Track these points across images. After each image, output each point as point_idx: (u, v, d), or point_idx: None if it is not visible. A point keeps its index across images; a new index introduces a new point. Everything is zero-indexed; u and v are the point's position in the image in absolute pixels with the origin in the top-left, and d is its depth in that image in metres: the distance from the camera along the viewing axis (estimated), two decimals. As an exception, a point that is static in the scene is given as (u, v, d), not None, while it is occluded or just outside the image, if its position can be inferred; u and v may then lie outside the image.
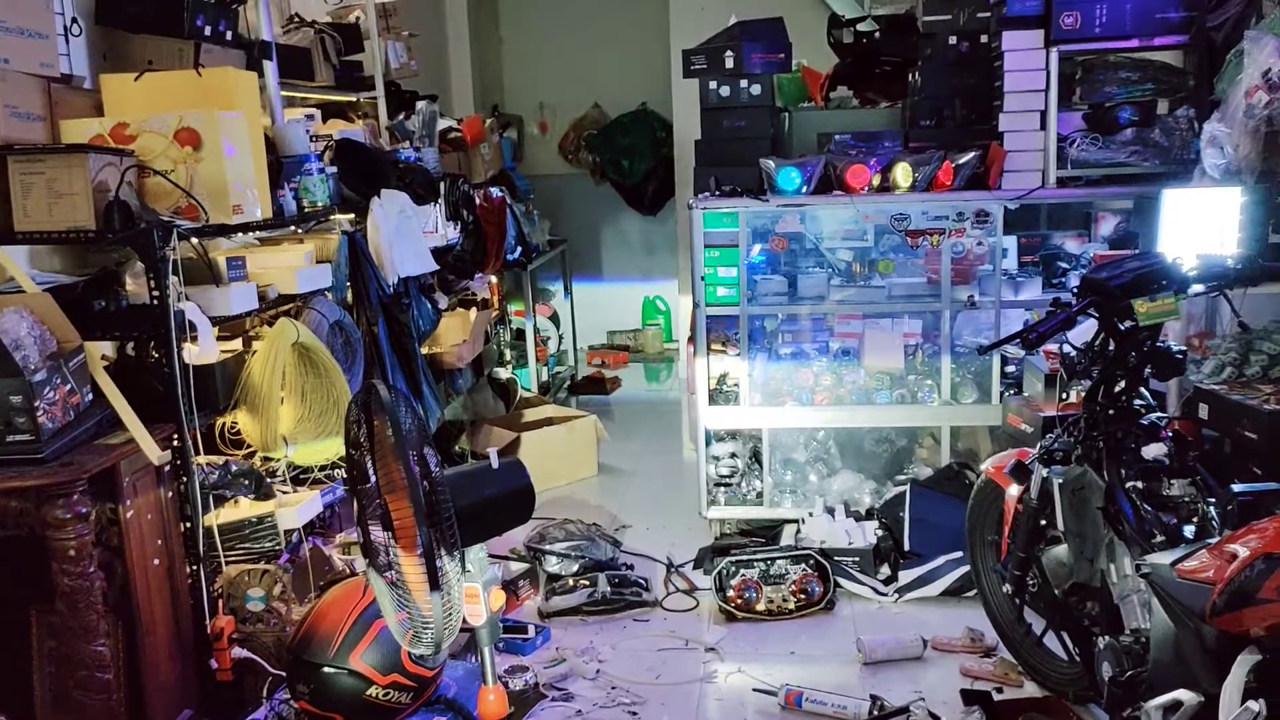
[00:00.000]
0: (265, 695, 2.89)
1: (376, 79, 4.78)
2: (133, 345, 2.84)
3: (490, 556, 2.48)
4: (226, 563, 2.94)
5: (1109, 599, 2.53)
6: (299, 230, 3.77)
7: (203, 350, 2.81)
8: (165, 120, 2.89)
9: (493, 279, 5.61)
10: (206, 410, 2.92)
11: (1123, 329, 2.53)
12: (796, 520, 4.03)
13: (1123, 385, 2.57)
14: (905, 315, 4.13)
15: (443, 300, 4.70)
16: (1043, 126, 3.84)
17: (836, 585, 3.61)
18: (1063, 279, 4.04)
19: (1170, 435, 2.53)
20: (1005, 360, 4.00)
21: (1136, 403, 2.57)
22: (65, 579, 2.47)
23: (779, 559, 3.62)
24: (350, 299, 3.74)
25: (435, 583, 2.20)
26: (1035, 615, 2.97)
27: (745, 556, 3.63)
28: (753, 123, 4.14)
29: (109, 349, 2.91)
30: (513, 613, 3.60)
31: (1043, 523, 2.79)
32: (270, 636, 2.92)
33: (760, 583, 3.56)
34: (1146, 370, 2.57)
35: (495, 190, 5.32)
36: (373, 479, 2.32)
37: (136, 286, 2.83)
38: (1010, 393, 3.93)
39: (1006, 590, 2.95)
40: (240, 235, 3.35)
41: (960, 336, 4.11)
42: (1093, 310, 2.55)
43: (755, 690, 3.09)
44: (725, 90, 4.13)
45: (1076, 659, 2.78)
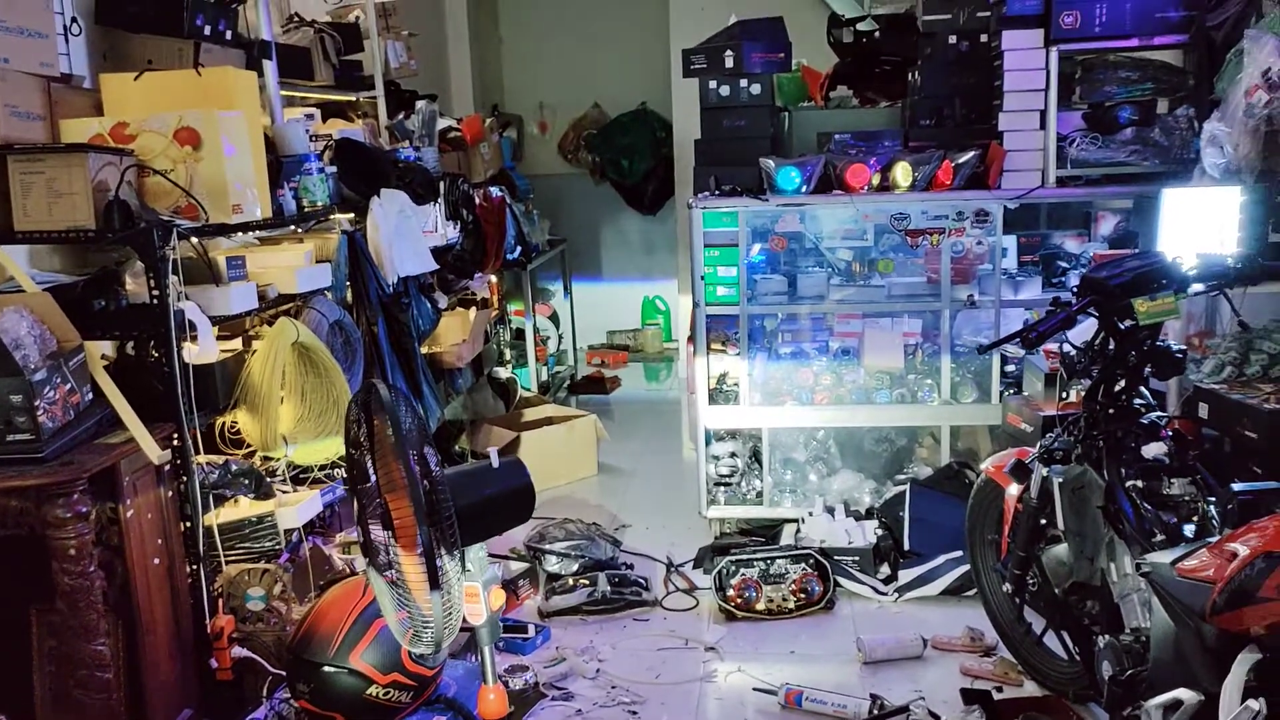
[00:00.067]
0: (265, 694, 2.89)
1: (376, 78, 4.78)
2: (133, 345, 2.84)
3: (490, 556, 2.48)
4: (226, 562, 2.94)
5: (1109, 598, 2.53)
6: (299, 230, 3.77)
7: (202, 350, 2.81)
8: (165, 120, 2.89)
9: (492, 278, 5.62)
10: (206, 410, 2.92)
11: (1123, 328, 2.53)
12: (796, 520, 4.03)
13: (1123, 384, 2.57)
14: (905, 315, 4.13)
15: (442, 300, 4.70)
16: (1042, 126, 3.84)
17: (836, 585, 3.62)
18: (1062, 278, 4.04)
19: (1170, 434, 2.52)
20: (1005, 359, 4.00)
21: (1136, 402, 2.57)
22: (65, 578, 2.47)
23: (779, 558, 3.62)
24: (350, 298, 3.74)
25: (435, 582, 2.20)
26: (1035, 614, 2.97)
27: (745, 556, 3.64)
28: (752, 122, 4.14)
29: (109, 348, 2.90)
30: (513, 612, 3.60)
31: (1043, 522, 2.79)
32: (270, 636, 2.92)
33: (760, 582, 3.57)
34: (1146, 369, 2.57)
35: (495, 190, 5.33)
36: (373, 478, 2.32)
37: (136, 286, 2.83)
38: (1010, 392, 3.93)
39: (1006, 589, 2.95)
40: (240, 235, 3.35)
41: (960, 336, 4.11)
42: (1093, 309, 2.55)
43: (755, 689, 3.09)
44: (725, 90, 4.13)
45: (1076, 658, 2.78)
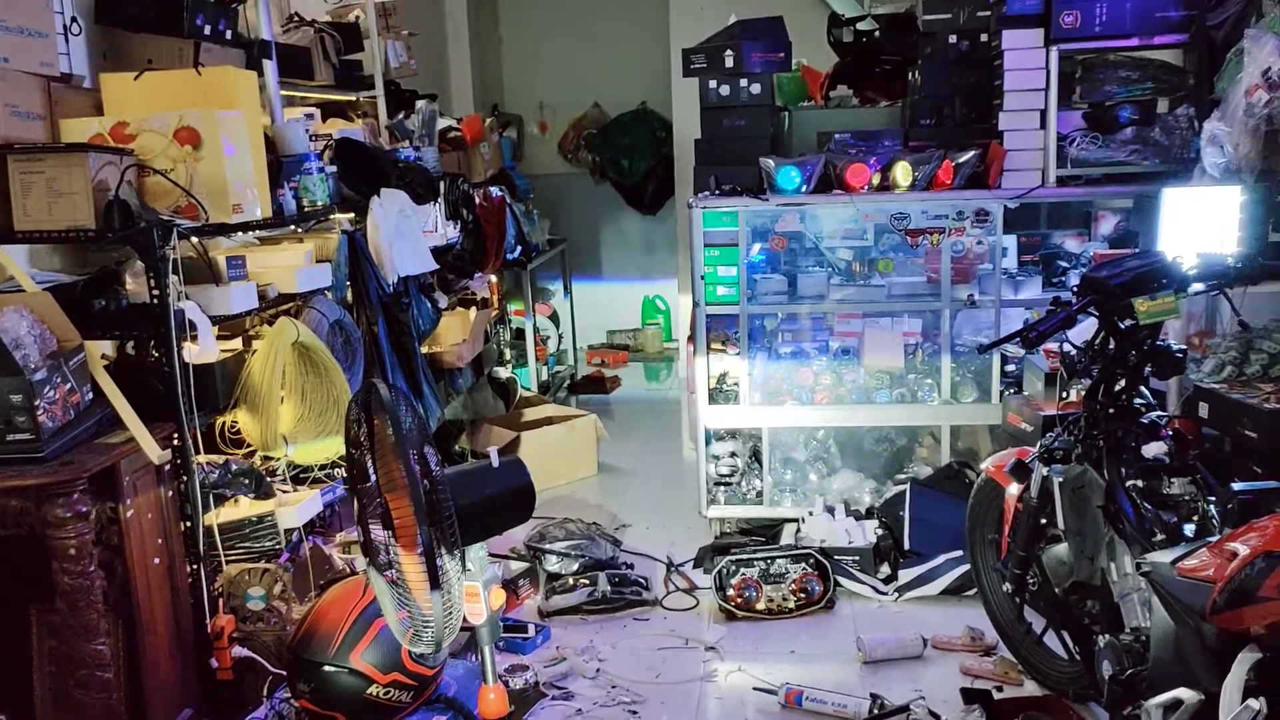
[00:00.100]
0: (266, 694, 2.89)
1: (376, 78, 4.78)
2: (133, 344, 2.84)
3: (490, 555, 2.48)
4: (227, 562, 2.94)
5: (1109, 597, 2.53)
6: (299, 229, 3.77)
7: (203, 349, 2.81)
8: (165, 119, 2.89)
9: (492, 278, 5.61)
10: (206, 409, 2.92)
11: (1123, 328, 2.53)
12: (796, 519, 4.03)
13: (1123, 384, 2.57)
14: (905, 314, 4.13)
15: (442, 299, 4.70)
16: (1043, 125, 3.84)
17: (836, 584, 3.61)
18: (1062, 278, 4.03)
19: (1170, 434, 2.52)
20: (1005, 359, 4.00)
21: (1137, 401, 2.57)
22: (65, 578, 2.47)
23: (779, 558, 3.62)
24: (350, 298, 3.74)
25: (435, 581, 2.20)
26: (1035, 614, 2.97)
27: (745, 555, 3.63)
28: (752, 122, 4.14)
29: (109, 348, 2.90)
30: (513, 612, 3.60)
31: (1043, 521, 2.79)
32: (270, 635, 2.92)
33: (760, 582, 3.56)
34: (1147, 369, 2.56)
35: (495, 189, 5.33)
36: (373, 478, 2.32)
37: (136, 285, 2.83)
38: (1010, 392, 3.93)
39: (1006, 589, 2.95)
40: (240, 234, 3.35)
41: (960, 335, 4.11)
42: (1093, 309, 2.55)
43: (755, 689, 3.09)
44: (725, 89, 4.13)
45: (1077, 657, 2.78)
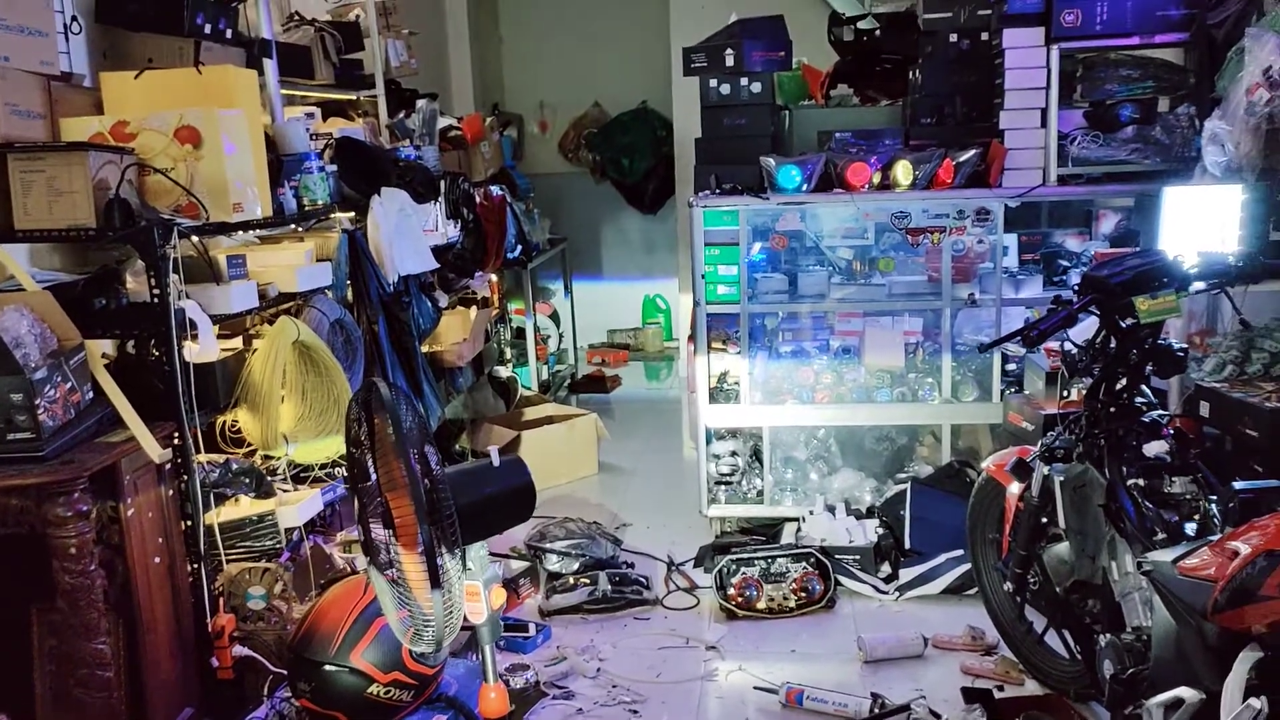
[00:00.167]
0: (266, 693, 2.89)
1: (376, 77, 4.78)
2: (133, 343, 2.84)
3: (491, 555, 2.48)
4: (227, 561, 2.94)
5: (1110, 597, 2.53)
6: (299, 228, 3.77)
7: (203, 348, 2.81)
8: (165, 118, 2.89)
9: (493, 277, 5.61)
10: (207, 408, 2.92)
11: (1124, 326, 2.52)
12: (797, 518, 4.03)
13: (1124, 383, 2.57)
14: (906, 313, 4.13)
15: (443, 298, 4.70)
16: (1043, 124, 3.83)
17: (837, 583, 3.61)
18: (1063, 277, 4.03)
19: (1172, 433, 2.52)
20: (1006, 358, 4.00)
21: (1138, 400, 2.57)
22: (66, 577, 2.47)
23: (780, 557, 3.62)
24: (350, 297, 3.74)
25: (436, 580, 2.20)
26: (1036, 613, 2.97)
27: (746, 555, 3.63)
28: (753, 121, 4.13)
29: (109, 347, 2.91)
30: (513, 611, 3.60)
31: (1044, 520, 2.79)
32: (271, 635, 2.92)
33: (761, 581, 3.56)
34: (1148, 368, 2.56)
35: (495, 189, 5.32)
36: (373, 477, 2.32)
37: (137, 284, 2.83)
38: (1011, 391, 3.93)
39: (1007, 588, 2.95)
40: (240, 233, 3.35)
41: (961, 334, 4.10)
42: (1094, 308, 2.55)
43: (756, 688, 3.09)
44: (726, 88, 4.13)
45: (1078, 657, 2.78)
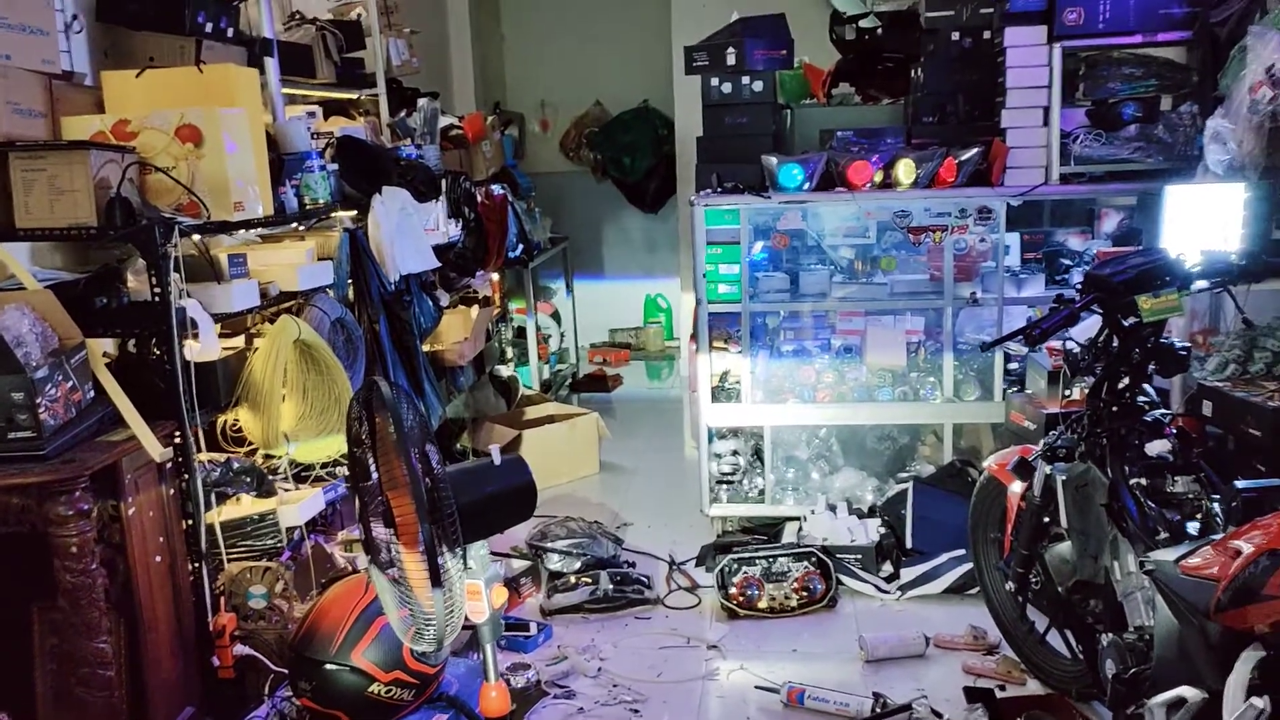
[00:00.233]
0: (267, 693, 2.89)
1: (378, 76, 4.78)
2: (134, 342, 2.84)
3: (492, 554, 2.48)
4: (228, 560, 2.94)
5: (1112, 596, 2.52)
6: (300, 227, 3.77)
7: (204, 347, 2.81)
8: (166, 117, 2.88)
9: (494, 276, 5.61)
10: (208, 407, 2.92)
11: (1126, 325, 2.52)
12: (798, 518, 4.03)
13: (1126, 382, 2.56)
14: (907, 312, 4.12)
15: (444, 297, 4.70)
16: (1046, 123, 3.83)
17: (839, 583, 3.61)
18: (1065, 276, 4.02)
19: (1174, 432, 2.52)
20: (1008, 357, 3.99)
21: (1140, 399, 2.56)
22: (67, 576, 2.47)
23: (781, 556, 3.61)
24: (352, 296, 3.74)
25: (437, 579, 2.19)
26: (1038, 613, 2.96)
27: (747, 554, 3.63)
28: (754, 119, 4.13)
29: (110, 346, 2.90)
30: (515, 610, 3.60)
31: (1046, 520, 2.79)
32: (272, 634, 2.92)
33: (762, 580, 3.56)
34: (1150, 367, 2.56)
35: (496, 188, 5.32)
36: (374, 476, 2.31)
37: (138, 283, 2.83)
38: (1013, 390, 3.92)
39: (1009, 588, 2.95)
40: (242, 232, 3.35)
41: (963, 334, 4.10)
42: (1096, 306, 2.54)
43: (757, 688, 3.09)
44: (727, 87, 4.12)
45: (1080, 656, 2.77)
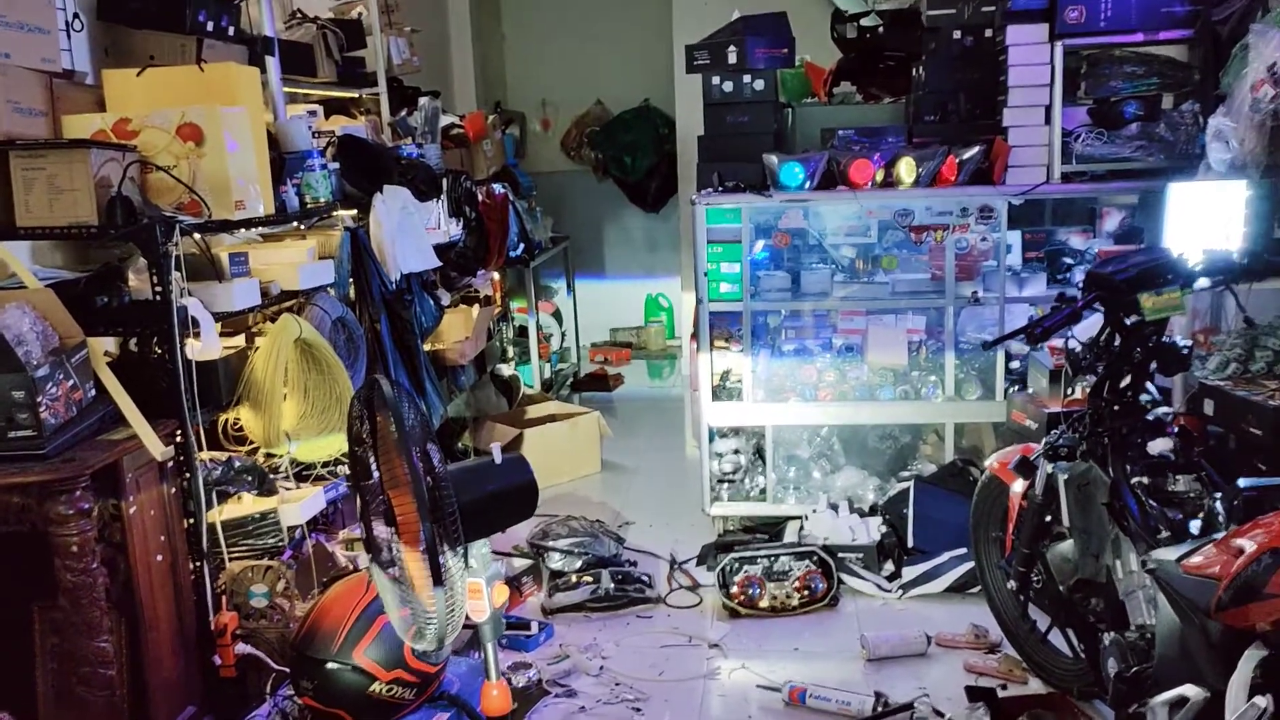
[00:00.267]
0: (269, 691, 2.89)
1: (379, 75, 4.78)
2: (135, 341, 2.83)
3: (493, 553, 2.47)
4: (229, 559, 2.94)
5: (1114, 595, 2.52)
6: (301, 226, 3.77)
7: (205, 346, 2.81)
8: (167, 116, 2.88)
9: (495, 275, 5.61)
10: (209, 406, 2.92)
11: (1128, 324, 2.52)
12: (800, 517, 4.02)
13: (1128, 380, 2.56)
14: (909, 311, 4.12)
15: (445, 297, 4.70)
16: (1047, 121, 3.82)
17: (840, 582, 3.61)
18: (1067, 275, 4.02)
19: (1176, 431, 2.52)
20: (1009, 356, 3.99)
21: (1142, 398, 2.56)
22: (68, 575, 2.47)
23: (782, 555, 3.61)
24: (353, 295, 3.74)
25: (438, 578, 2.19)
26: (1040, 611, 2.96)
27: (749, 553, 3.63)
28: (756, 118, 4.12)
29: (112, 345, 2.90)
30: (516, 609, 3.60)
31: (1047, 519, 2.79)
32: (273, 633, 2.92)
33: (764, 579, 3.56)
34: (1152, 365, 2.56)
35: (497, 187, 5.32)
36: (376, 475, 2.31)
37: (139, 282, 2.83)
38: (1015, 389, 3.92)
39: (1011, 586, 2.95)
40: (243, 231, 3.35)
41: (964, 332, 4.09)
42: (1098, 305, 2.54)
43: (759, 687, 3.09)
44: (728, 86, 4.12)
45: (1081, 655, 2.77)
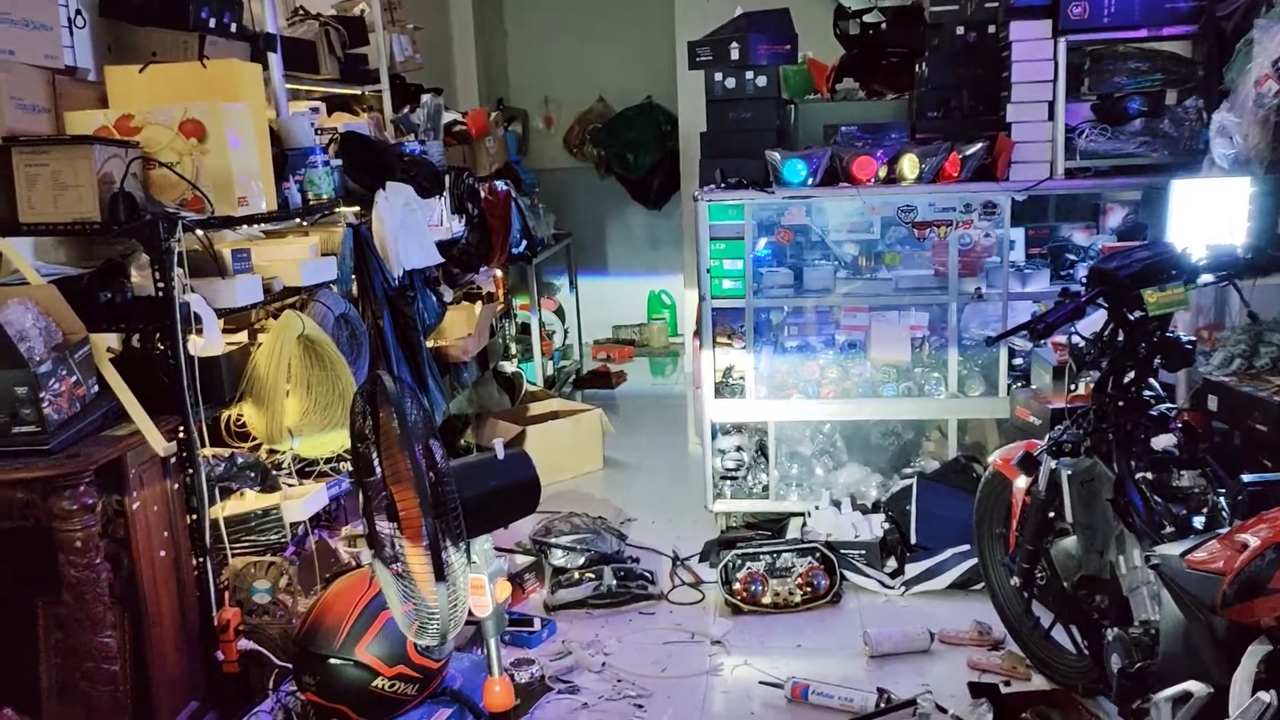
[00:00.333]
0: (271, 687, 2.89)
1: (381, 72, 4.78)
2: (138, 337, 2.84)
3: (496, 549, 2.47)
4: (232, 555, 2.94)
5: (1118, 591, 2.52)
6: (304, 223, 3.77)
7: (208, 342, 2.81)
8: (170, 112, 2.88)
9: (498, 272, 5.61)
10: (212, 402, 2.92)
11: (1132, 319, 2.51)
12: (803, 513, 4.03)
13: (1132, 376, 2.56)
14: (912, 308, 4.12)
15: (448, 293, 4.69)
16: (1051, 117, 3.81)
17: (843, 578, 3.61)
18: (1071, 270, 4.02)
19: (1180, 426, 2.51)
20: (1013, 352, 3.99)
21: (1146, 394, 2.56)
22: (72, 570, 2.47)
23: (785, 552, 3.61)
24: (355, 292, 3.74)
25: (441, 574, 2.19)
26: (1043, 608, 2.96)
27: (751, 549, 3.63)
28: (758, 115, 4.12)
29: (114, 341, 2.91)
30: (519, 606, 3.60)
31: (1051, 515, 2.78)
32: (276, 628, 2.92)
33: (766, 576, 3.56)
34: (1156, 361, 2.55)
35: (500, 184, 5.32)
36: (378, 471, 2.31)
37: (142, 278, 2.83)
38: (1018, 385, 3.91)
39: (1014, 583, 2.94)
40: (245, 227, 3.34)
41: (967, 329, 4.09)
42: (1102, 300, 2.54)
43: (762, 683, 3.09)
44: (731, 82, 4.11)
45: (1085, 651, 2.76)
